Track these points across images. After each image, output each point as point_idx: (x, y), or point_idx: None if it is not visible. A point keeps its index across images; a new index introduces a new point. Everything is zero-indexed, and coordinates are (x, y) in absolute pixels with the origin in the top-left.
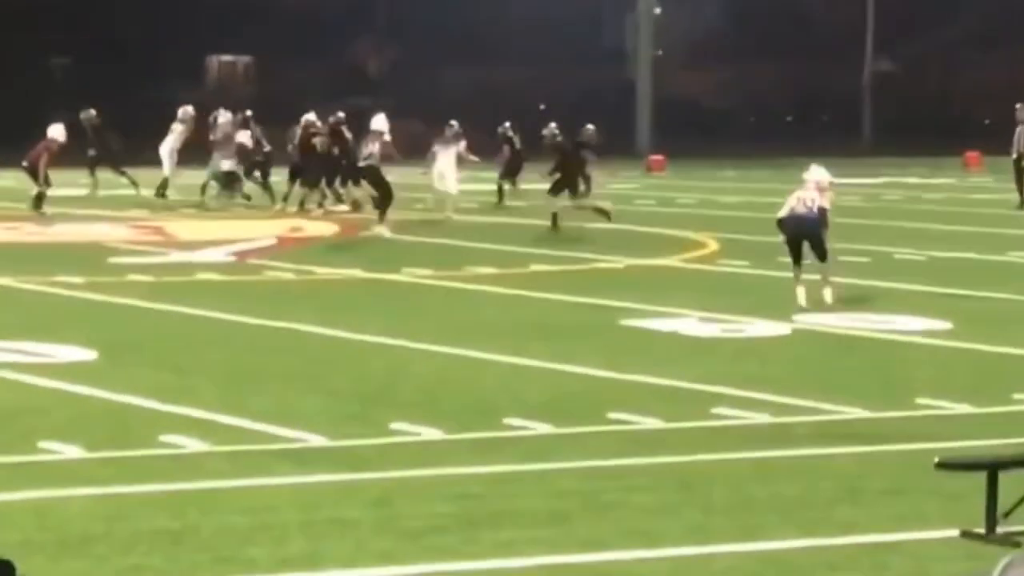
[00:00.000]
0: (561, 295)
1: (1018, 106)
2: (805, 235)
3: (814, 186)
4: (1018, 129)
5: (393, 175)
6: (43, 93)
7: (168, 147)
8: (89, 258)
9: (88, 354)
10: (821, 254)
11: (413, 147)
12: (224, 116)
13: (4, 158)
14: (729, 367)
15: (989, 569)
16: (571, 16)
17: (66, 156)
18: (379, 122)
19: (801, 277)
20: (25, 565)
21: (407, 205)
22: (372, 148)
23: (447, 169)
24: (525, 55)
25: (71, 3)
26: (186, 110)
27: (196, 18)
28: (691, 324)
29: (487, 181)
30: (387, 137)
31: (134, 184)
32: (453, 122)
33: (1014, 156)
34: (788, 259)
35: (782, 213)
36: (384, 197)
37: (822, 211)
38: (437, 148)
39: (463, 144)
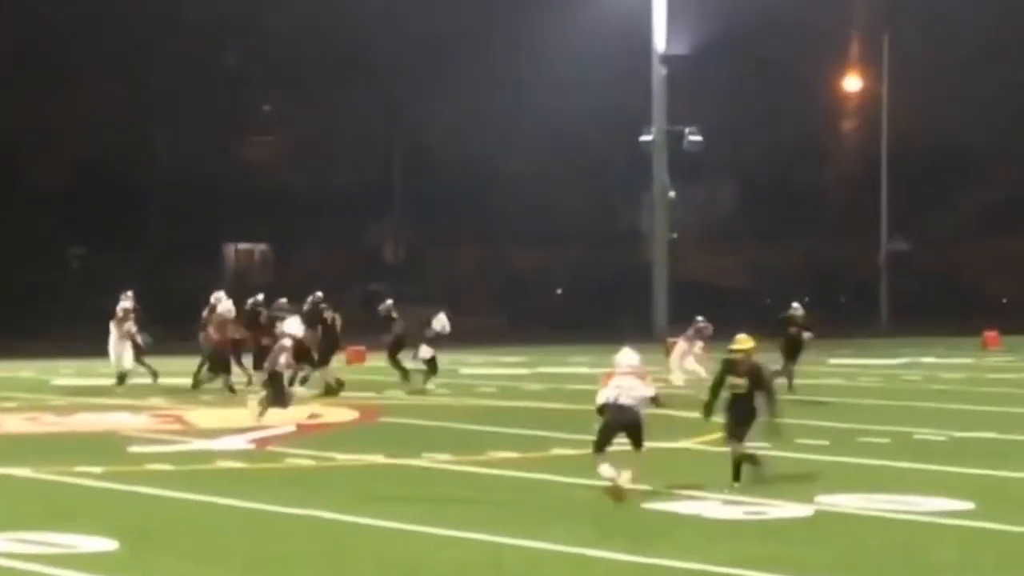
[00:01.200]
0: (583, 479)
1: None
2: (626, 425)
3: (630, 371)
4: None
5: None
6: (60, 283)
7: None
8: (108, 447)
9: (110, 544)
10: (639, 443)
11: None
12: (224, 301)
13: (23, 349)
14: (754, 550)
15: None
16: (587, 199)
17: (85, 343)
18: (292, 326)
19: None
20: None
21: (425, 390)
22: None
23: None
24: (541, 239)
25: (88, 192)
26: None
27: (213, 206)
28: (714, 507)
29: (506, 365)
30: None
31: (153, 374)
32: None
33: None
34: (600, 441)
35: (602, 399)
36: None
37: (649, 400)
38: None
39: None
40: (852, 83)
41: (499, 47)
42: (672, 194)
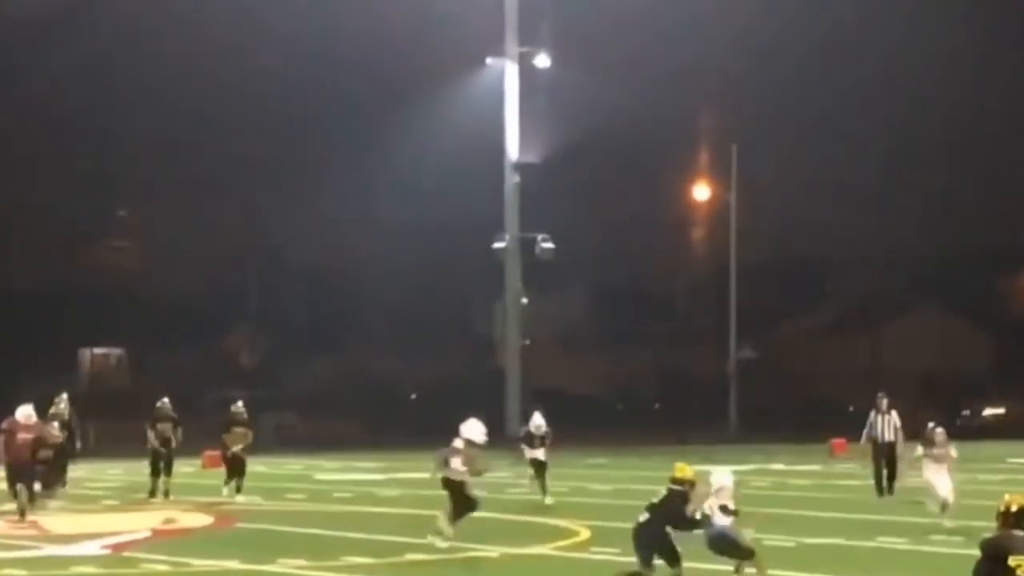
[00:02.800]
0: None
1: (880, 394)
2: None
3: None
4: (871, 416)
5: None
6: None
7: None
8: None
9: None
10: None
11: (287, 440)
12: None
13: None
14: None
15: None
16: (442, 305)
17: None
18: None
19: None
20: None
21: (279, 495)
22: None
23: None
24: (395, 344)
25: None
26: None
27: (69, 310)
28: None
29: (362, 471)
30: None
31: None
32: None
33: (877, 440)
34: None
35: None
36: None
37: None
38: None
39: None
40: (702, 192)
41: (353, 152)
42: (525, 300)
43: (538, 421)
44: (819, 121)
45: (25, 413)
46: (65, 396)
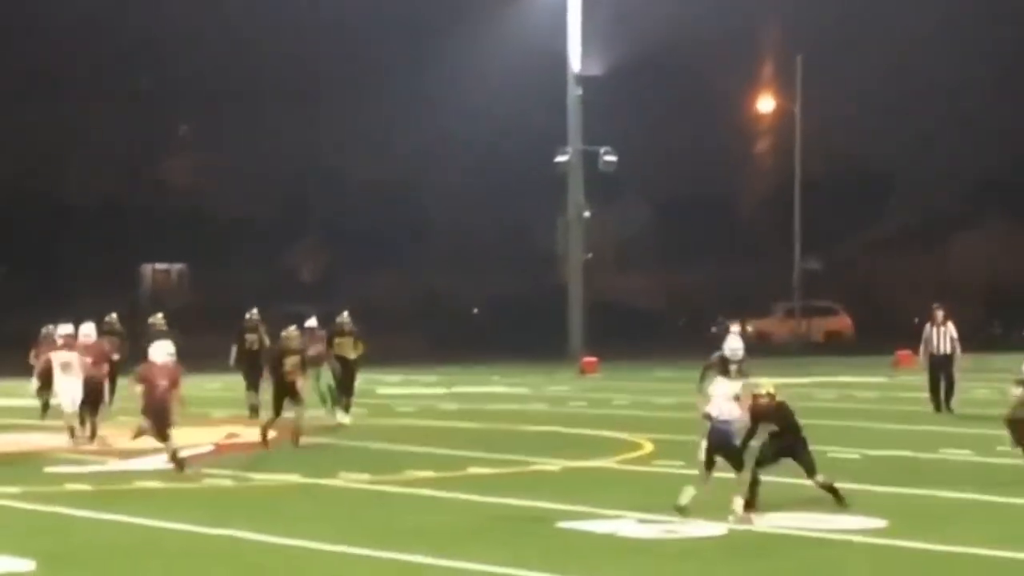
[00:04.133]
0: (498, 498)
1: (935, 306)
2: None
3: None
4: (926, 330)
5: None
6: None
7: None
8: (25, 468)
9: (26, 564)
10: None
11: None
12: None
13: None
14: (668, 568)
15: None
16: (503, 220)
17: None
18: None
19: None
20: None
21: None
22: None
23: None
24: (457, 260)
25: (4, 214)
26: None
27: (130, 227)
28: (629, 525)
29: (423, 385)
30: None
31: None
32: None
33: (933, 353)
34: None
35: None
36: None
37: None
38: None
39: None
40: (766, 103)
41: (414, 68)
42: (587, 214)
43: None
44: (885, 31)
45: (85, 332)
46: (115, 315)
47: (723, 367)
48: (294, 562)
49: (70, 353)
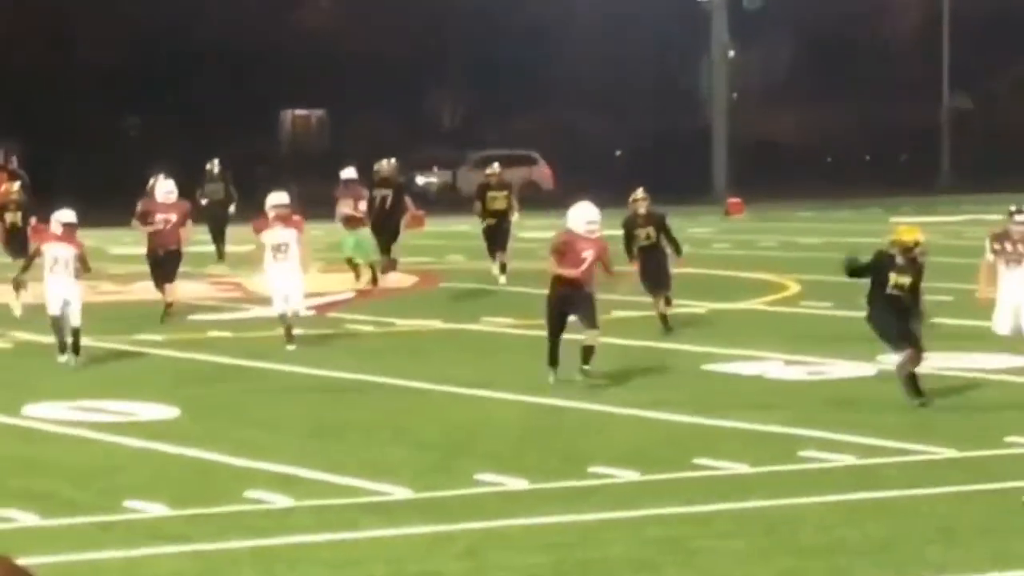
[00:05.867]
0: (644, 341)
1: None
2: None
3: None
4: None
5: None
6: (117, 153)
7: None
8: (168, 316)
9: (170, 411)
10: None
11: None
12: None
13: (81, 219)
14: (815, 410)
15: None
16: (644, 61)
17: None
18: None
19: None
20: None
21: (482, 254)
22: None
23: None
24: (599, 101)
25: (142, 62)
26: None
27: (270, 72)
28: (776, 367)
29: None
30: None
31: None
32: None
33: None
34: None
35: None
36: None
37: None
38: None
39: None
40: None
41: None
42: (732, 53)
43: None
44: None
45: (166, 189)
46: (217, 160)
47: None
48: (440, 407)
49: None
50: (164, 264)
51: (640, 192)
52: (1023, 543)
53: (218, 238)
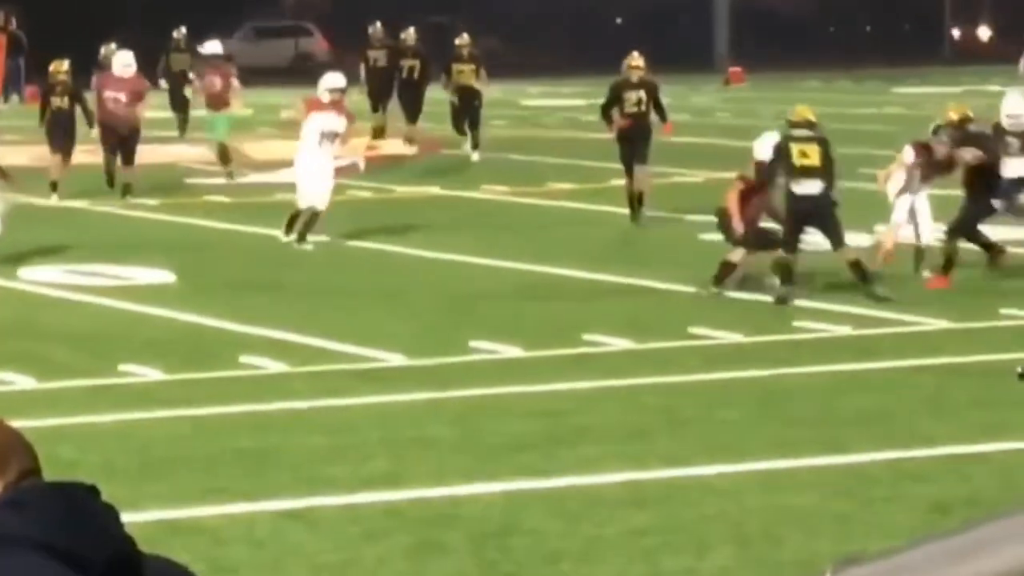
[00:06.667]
0: (643, 210)
1: None
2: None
3: None
4: None
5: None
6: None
7: None
8: (166, 180)
9: (166, 276)
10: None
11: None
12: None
13: (82, 78)
14: (811, 281)
15: None
16: None
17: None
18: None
19: None
20: (107, 488)
21: (484, 122)
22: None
23: None
24: None
25: None
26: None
27: None
28: None
29: (565, 96)
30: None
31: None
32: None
33: None
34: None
35: None
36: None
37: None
38: None
39: None
40: None
41: None
42: None
43: None
44: None
45: (123, 63)
46: (184, 29)
47: None
48: (437, 274)
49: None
50: (124, 145)
51: (636, 56)
52: (1015, 414)
53: (182, 111)
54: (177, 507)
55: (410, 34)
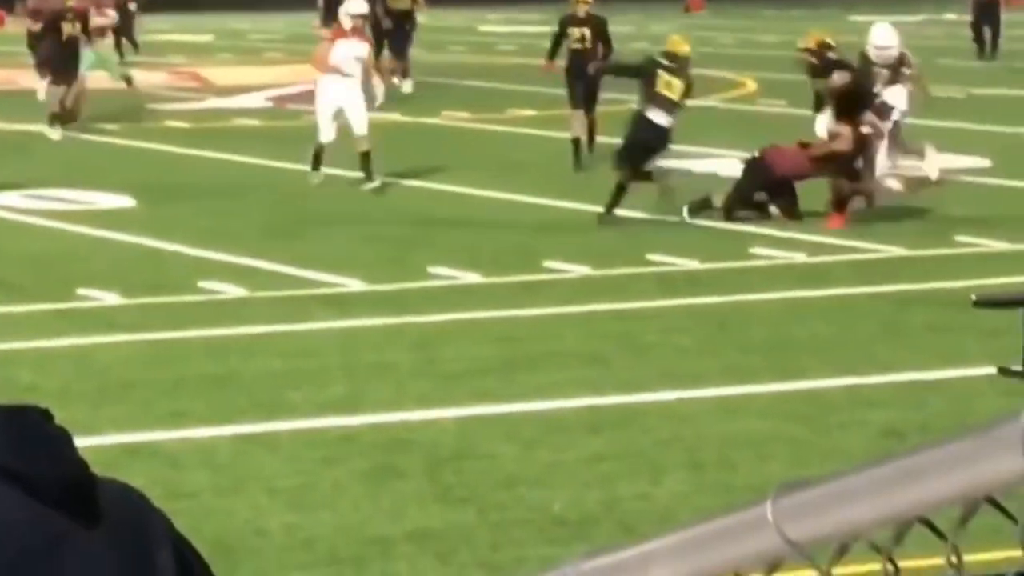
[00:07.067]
0: (599, 137)
1: None
2: None
3: None
4: None
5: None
6: None
7: None
8: (126, 105)
9: (126, 201)
10: None
11: None
12: None
13: None
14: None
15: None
16: None
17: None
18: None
19: None
20: (65, 412)
21: (442, 47)
22: None
23: None
24: None
25: None
26: None
27: None
28: (731, 165)
29: (525, 23)
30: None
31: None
32: None
33: None
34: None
35: None
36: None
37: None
38: None
39: None
40: None
41: None
42: None
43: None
44: None
45: None
46: None
47: None
48: (396, 200)
49: None
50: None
51: None
52: (971, 340)
53: (128, 34)
54: (135, 431)
55: None
